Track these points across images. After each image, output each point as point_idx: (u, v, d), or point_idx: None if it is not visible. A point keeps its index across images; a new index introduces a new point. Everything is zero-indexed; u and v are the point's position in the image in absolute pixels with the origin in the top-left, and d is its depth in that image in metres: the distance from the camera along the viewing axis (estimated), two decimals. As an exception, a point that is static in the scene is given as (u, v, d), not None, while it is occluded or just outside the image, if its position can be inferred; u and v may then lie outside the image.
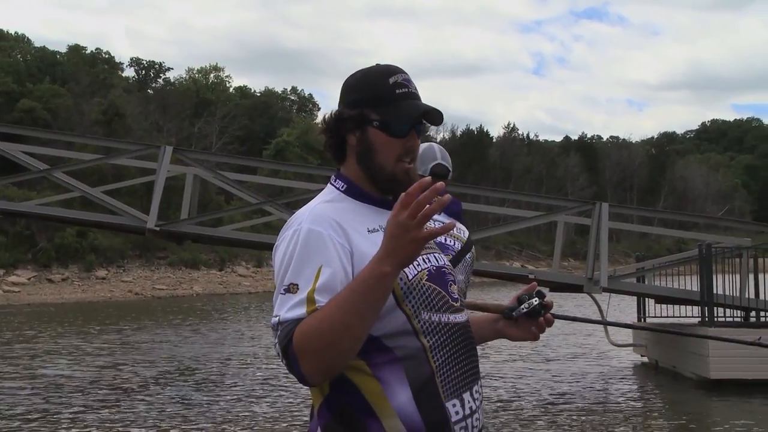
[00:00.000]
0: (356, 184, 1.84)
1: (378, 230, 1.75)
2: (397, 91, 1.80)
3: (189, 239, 12.29)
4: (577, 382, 12.25)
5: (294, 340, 1.60)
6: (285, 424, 9.07)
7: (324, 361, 1.60)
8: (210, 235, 12.01)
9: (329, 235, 1.70)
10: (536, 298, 1.89)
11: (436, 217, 2.98)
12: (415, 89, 1.84)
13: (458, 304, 1.84)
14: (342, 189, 1.84)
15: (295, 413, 9.63)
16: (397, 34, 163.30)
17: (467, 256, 3.24)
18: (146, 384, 11.59)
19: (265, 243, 12.09)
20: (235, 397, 10.75)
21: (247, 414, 9.60)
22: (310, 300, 1.63)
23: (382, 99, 1.80)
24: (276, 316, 1.66)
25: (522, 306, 1.88)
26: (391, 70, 1.84)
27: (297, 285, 1.66)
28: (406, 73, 1.84)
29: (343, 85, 1.87)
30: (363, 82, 1.84)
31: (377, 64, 1.88)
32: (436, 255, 1.88)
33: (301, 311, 1.62)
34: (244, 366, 13.63)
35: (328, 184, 1.88)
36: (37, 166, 11.90)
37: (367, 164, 1.82)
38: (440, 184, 1.56)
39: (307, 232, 1.71)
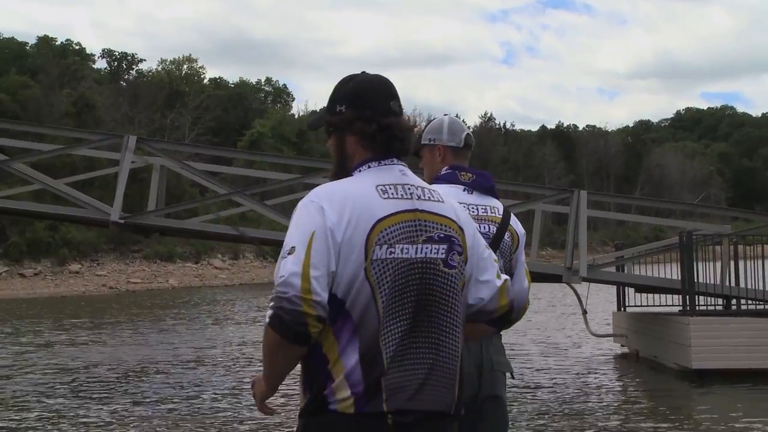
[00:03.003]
0: None
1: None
2: None
3: (156, 232, 11.86)
4: (556, 374, 11.99)
5: None
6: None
7: None
8: (177, 228, 11.57)
9: None
10: None
11: (467, 200, 2.98)
12: None
13: None
14: None
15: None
16: (363, 24, 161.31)
17: (505, 238, 2.99)
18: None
19: (233, 234, 11.70)
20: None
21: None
22: None
23: None
24: None
25: None
26: None
27: None
28: None
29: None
30: None
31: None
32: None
33: None
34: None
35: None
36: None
37: None
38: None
39: None
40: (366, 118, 2.13)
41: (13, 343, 15.85)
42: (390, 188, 2.10)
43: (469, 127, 3.32)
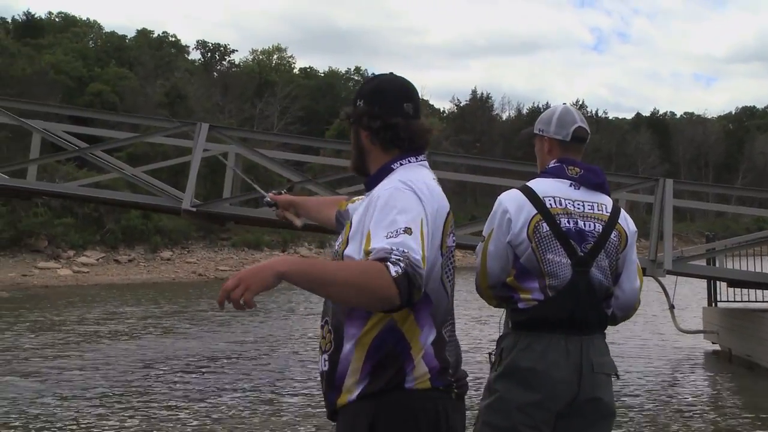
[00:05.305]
0: None
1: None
2: None
3: (230, 220, 11.84)
4: (641, 374, 11.37)
5: None
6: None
7: None
8: (249, 216, 11.54)
9: None
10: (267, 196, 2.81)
11: (574, 196, 2.90)
12: None
13: None
14: None
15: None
16: (449, 12, 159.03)
17: (611, 237, 2.83)
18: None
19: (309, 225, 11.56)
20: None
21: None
22: None
23: None
24: None
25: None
26: None
27: None
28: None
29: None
30: None
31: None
32: None
33: None
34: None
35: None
36: (77, 146, 11.63)
37: None
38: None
39: None
40: (373, 114, 2.27)
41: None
42: (438, 183, 2.29)
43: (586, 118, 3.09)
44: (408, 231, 2.03)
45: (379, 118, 2.26)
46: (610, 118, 79.07)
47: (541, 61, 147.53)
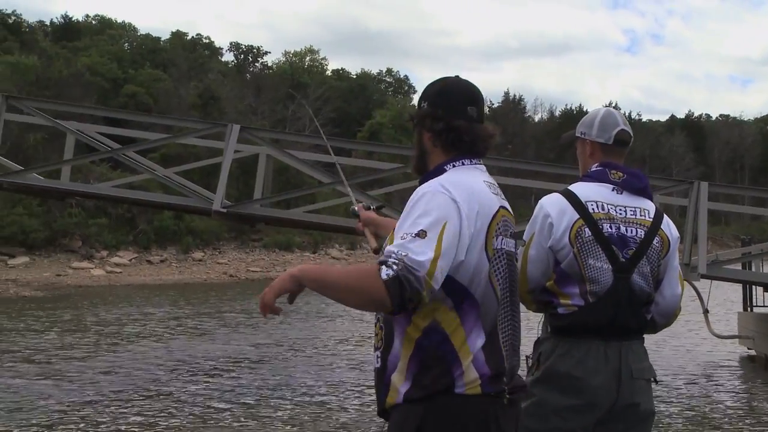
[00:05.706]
0: None
1: None
2: None
3: (260, 222, 11.88)
4: (673, 378, 11.22)
5: None
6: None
7: None
8: (279, 217, 11.56)
9: None
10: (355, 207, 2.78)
11: (616, 201, 2.88)
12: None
13: None
14: None
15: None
16: (480, 13, 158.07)
17: (654, 242, 2.81)
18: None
19: (338, 226, 11.58)
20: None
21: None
22: None
23: None
24: None
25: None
26: None
27: None
28: None
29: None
30: None
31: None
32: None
33: None
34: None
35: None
36: (110, 147, 11.75)
37: None
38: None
39: None
40: (436, 116, 2.28)
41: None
42: (491, 185, 2.28)
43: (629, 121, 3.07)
44: (421, 234, 2.04)
45: (442, 120, 2.27)
46: (644, 120, 78.28)
47: (574, 63, 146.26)
